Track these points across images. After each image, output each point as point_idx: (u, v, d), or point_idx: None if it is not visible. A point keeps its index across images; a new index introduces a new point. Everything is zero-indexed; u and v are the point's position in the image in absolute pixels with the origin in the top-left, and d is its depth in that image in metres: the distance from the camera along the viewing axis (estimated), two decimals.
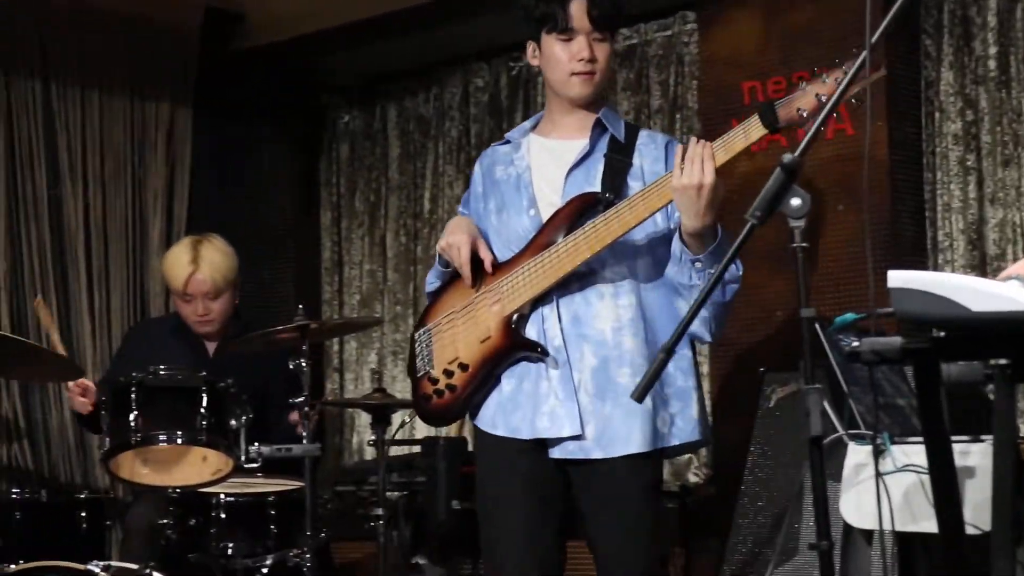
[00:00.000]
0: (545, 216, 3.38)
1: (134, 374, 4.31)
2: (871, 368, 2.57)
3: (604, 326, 3.32)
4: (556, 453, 3.33)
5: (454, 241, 3.43)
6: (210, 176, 6.76)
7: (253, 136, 6.91)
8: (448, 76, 6.58)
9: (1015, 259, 4.93)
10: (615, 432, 3.28)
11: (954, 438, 2.70)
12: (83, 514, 4.93)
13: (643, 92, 5.96)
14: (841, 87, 2.77)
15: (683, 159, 3.13)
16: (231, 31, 6.69)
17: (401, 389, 6.48)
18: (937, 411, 2.51)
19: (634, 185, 3.36)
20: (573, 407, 3.29)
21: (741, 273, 3.29)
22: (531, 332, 3.35)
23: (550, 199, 3.41)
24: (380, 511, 4.84)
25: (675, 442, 3.35)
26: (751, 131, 3.12)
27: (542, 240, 3.35)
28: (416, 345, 3.57)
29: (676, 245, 3.25)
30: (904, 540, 3.56)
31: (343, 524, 5.65)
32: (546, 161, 3.47)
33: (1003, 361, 2.27)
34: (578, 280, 3.34)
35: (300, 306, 4.59)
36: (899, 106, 5.12)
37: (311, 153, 7.02)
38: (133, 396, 4.26)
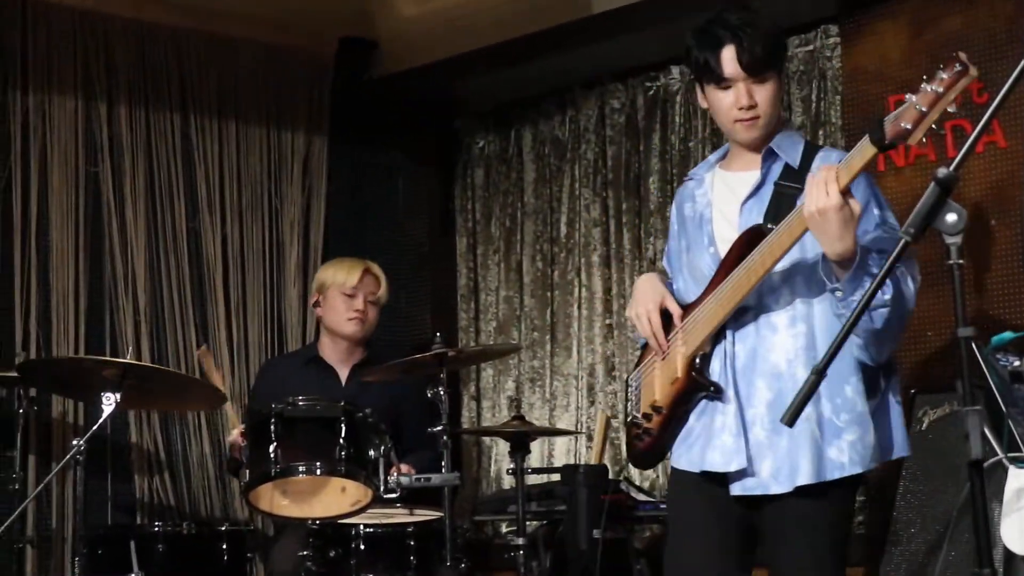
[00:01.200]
0: (723, 253, 3.36)
1: (273, 405, 4.32)
2: None
3: (779, 359, 3.29)
4: (736, 490, 3.31)
5: (641, 312, 3.45)
6: (346, 204, 6.80)
7: (388, 163, 6.94)
8: (583, 98, 6.52)
9: None
10: (792, 465, 3.24)
11: None
12: (224, 546, 4.97)
13: (784, 109, 5.82)
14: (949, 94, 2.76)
15: (809, 186, 3.09)
16: (365, 59, 6.73)
17: (539, 416, 6.43)
18: None
19: None
20: (741, 442, 3.28)
21: (889, 297, 3.15)
22: (714, 368, 3.35)
23: (726, 235, 3.38)
24: (520, 540, 4.80)
25: (856, 471, 3.27)
26: (865, 150, 3.05)
27: (719, 277, 3.34)
28: (628, 389, 3.62)
29: (821, 272, 3.20)
30: None
31: (483, 554, 5.61)
32: (724, 196, 3.46)
33: None
34: (752, 313, 3.32)
35: (438, 334, 4.58)
36: None
37: (446, 179, 7.01)
38: (272, 428, 4.28)
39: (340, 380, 5.21)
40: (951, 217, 2.52)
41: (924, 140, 2.98)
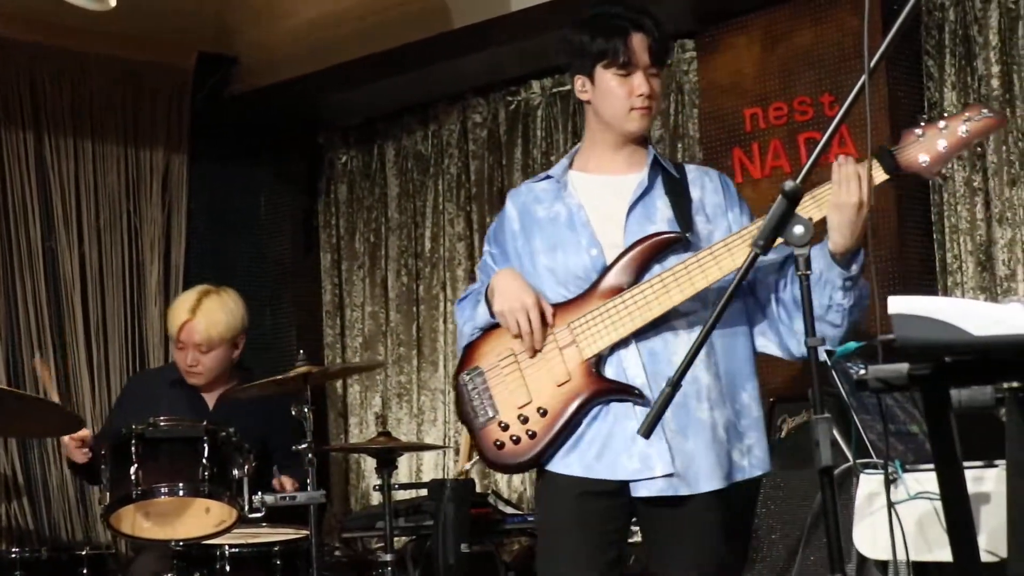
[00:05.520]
0: (609, 256, 3.35)
1: (134, 426, 4.28)
2: (879, 396, 2.52)
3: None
4: (642, 492, 3.29)
5: (520, 306, 3.34)
6: (207, 221, 6.74)
7: (250, 179, 6.89)
8: (445, 113, 6.54)
9: None
10: (699, 468, 3.27)
11: (967, 464, 2.65)
12: (85, 571, 4.91)
13: None
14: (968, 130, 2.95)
15: (840, 178, 3.10)
16: (225, 74, 6.67)
17: (406, 432, 6.42)
18: (948, 437, 2.48)
19: (698, 219, 3.36)
20: (663, 446, 3.26)
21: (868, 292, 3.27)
22: (609, 374, 3.32)
23: (612, 238, 3.36)
24: (388, 557, 4.78)
25: (756, 473, 3.36)
26: (875, 175, 3.12)
27: (611, 281, 3.31)
28: (467, 387, 3.45)
29: (820, 263, 3.17)
30: (920, 570, 3.49)
31: (351, 571, 5.58)
32: (600, 198, 3.42)
33: (1015, 384, 2.25)
34: (654, 320, 3.30)
35: (301, 351, 4.55)
36: (903, 128, 5.03)
37: (309, 194, 6.98)
38: (133, 449, 4.23)
39: (207, 402, 5.14)
40: (798, 229, 2.57)
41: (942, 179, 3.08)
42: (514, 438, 3.37)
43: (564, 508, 3.36)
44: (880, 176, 3.13)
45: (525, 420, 3.36)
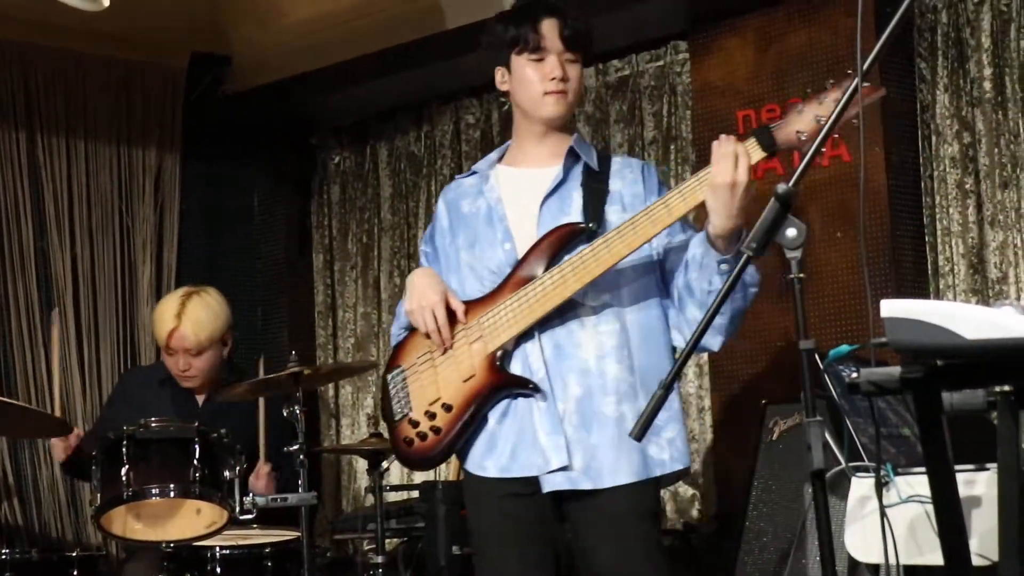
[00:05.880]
0: (522, 250, 3.35)
1: (125, 427, 4.27)
2: (871, 399, 2.51)
3: (587, 355, 3.28)
4: (546, 486, 3.28)
5: (425, 305, 3.37)
6: (200, 222, 6.73)
7: (243, 180, 6.88)
8: (439, 113, 6.53)
9: (1017, 282, 4.87)
10: (602, 462, 3.25)
11: (959, 467, 2.66)
12: (75, 573, 4.86)
13: (636, 124, 5.90)
14: (839, 106, 2.69)
15: (717, 157, 3.08)
16: (219, 74, 6.66)
17: None
18: (939, 441, 2.48)
19: (612, 209, 3.34)
20: (560, 439, 3.25)
21: (760, 278, 3.23)
22: (515, 367, 3.32)
23: (526, 231, 3.36)
24: (380, 559, 4.78)
25: (677, 467, 3.32)
26: (752, 152, 3.09)
27: (521, 274, 3.31)
28: (389, 387, 3.50)
29: (699, 249, 3.18)
30: (911, 573, 3.49)
31: (342, 573, 5.57)
32: (518, 192, 3.43)
33: (1007, 388, 2.25)
34: (559, 311, 3.28)
35: (292, 352, 4.54)
36: (895, 130, 5.06)
37: (302, 195, 6.97)
38: (124, 450, 4.22)
39: (197, 402, 5.13)
40: (791, 232, 2.56)
41: (823, 151, 3.03)
42: (421, 435, 3.38)
43: (488, 512, 3.38)
44: (758, 154, 3.10)
45: (432, 416, 3.37)
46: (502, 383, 3.31)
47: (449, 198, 3.55)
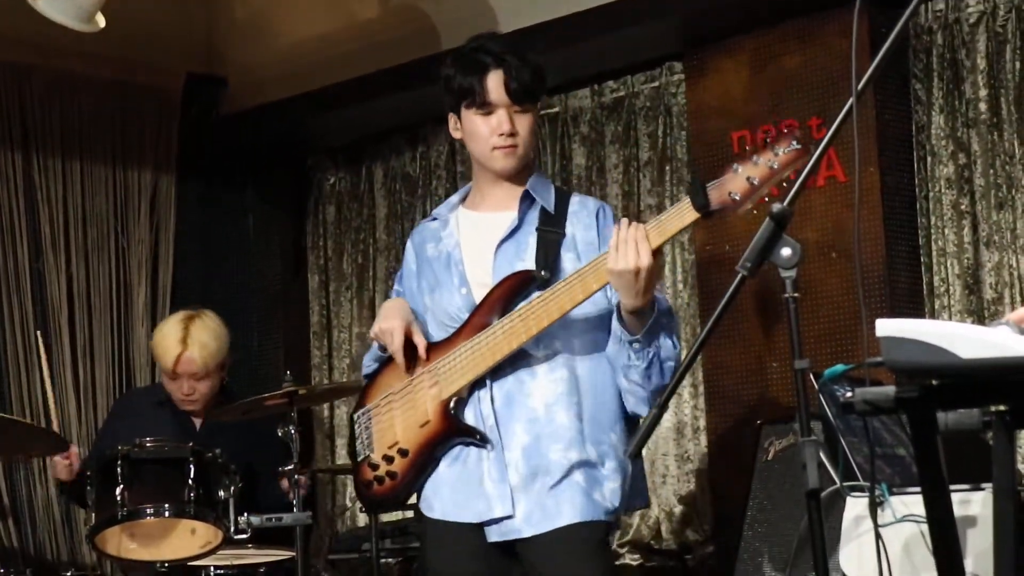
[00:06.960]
0: (478, 295, 3.31)
1: (120, 447, 4.27)
2: (866, 418, 2.51)
3: (536, 404, 3.26)
4: (492, 536, 3.27)
5: (387, 327, 3.34)
6: (195, 242, 6.73)
7: (238, 201, 6.88)
8: (434, 134, 6.54)
9: (1012, 303, 4.87)
10: (544, 509, 3.22)
11: (954, 487, 2.65)
12: None
13: (632, 145, 5.91)
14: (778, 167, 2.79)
15: (616, 243, 3.05)
16: (214, 96, 6.67)
17: None
18: (934, 460, 2.47)
19: (567, 256, 3.30)
20: (505, 488, 3.23)
21: (678, 351, 3.21)
22: (469, 415, 3.29)
23: (481, 277, 3.33)
24: None
25: (620, 508, 3.29)
26: (684, 214, 3.05)
27: (477, 320, 3.27)
28: (356, 427, 3.47)
29: (615, 325, 3.18)
30: None
31: None
32: (475, 236, 3.39)
33: (1002, 407, 2.25)
34: (510, 360, 3.25)
35: (287, 372, 4.54)
36: (890, 151, 5.07)
37: (297, 216, 6.97)
38: (119, 470, 4.23)
39: (194, 423, 5.13)
40: (786, 251, 2.55)
41: (754, 211, 3.01)
42: (378, 478, 3.37)
43: (440, 553, 3.35)
44: (690, 216, 3.05)
45: (390, 460, 3.35)
46: (453, 431, 3.28)
47: (416, 241, 3.51)
